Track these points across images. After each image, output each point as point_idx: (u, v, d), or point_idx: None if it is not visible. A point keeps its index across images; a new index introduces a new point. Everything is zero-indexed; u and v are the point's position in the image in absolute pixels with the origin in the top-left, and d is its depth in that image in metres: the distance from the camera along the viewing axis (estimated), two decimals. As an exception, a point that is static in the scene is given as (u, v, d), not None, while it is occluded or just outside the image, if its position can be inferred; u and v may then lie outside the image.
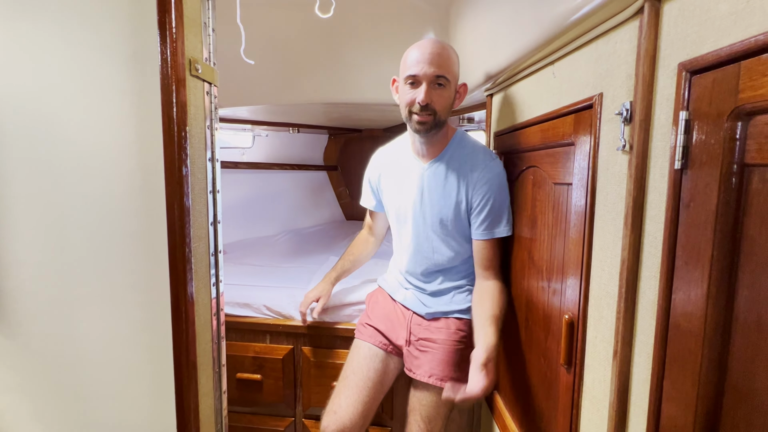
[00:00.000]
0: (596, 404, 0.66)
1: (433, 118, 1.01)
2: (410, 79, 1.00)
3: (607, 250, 0.62)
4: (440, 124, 1.04)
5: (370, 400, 1.13)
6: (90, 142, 0.61)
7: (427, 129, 1.02)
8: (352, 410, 1.10)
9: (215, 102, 0.66)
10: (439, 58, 0.98)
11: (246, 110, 2.01)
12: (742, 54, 0.40)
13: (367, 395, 1.13)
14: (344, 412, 1.10)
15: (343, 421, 1.09)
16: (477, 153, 1.09)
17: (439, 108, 1.01)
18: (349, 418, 1.09)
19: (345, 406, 1.11)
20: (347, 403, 1.11)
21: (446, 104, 1.02)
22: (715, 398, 0.44)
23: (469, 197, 1.06)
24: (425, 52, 0.98)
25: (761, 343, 0.39)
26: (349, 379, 1.16)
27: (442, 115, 1.02)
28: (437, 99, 1.00)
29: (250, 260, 1.92)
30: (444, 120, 1.05)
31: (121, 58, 0.59)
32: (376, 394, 1.15)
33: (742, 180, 0.41)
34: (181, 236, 0.58)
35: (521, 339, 0.99)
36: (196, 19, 0.60)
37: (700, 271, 0.44)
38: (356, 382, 1.15)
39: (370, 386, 1.14)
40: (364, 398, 1.12)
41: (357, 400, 1.11)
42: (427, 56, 0.98)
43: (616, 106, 0.60)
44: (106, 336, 0.64)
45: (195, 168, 0.61)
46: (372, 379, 1.15)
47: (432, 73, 0.97)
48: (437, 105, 1.00)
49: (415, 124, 1.02)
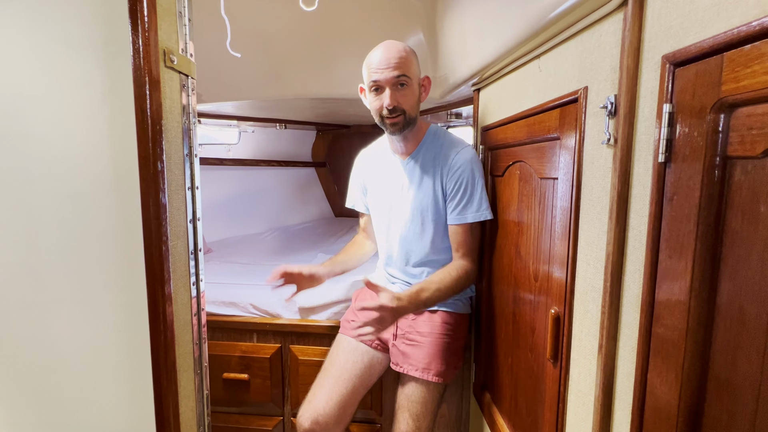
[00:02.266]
0: (582, 398, 0.66)
1: (403, 118, 1.05)
2: (374, 85, 1.04)
3: (593, 245, 0.62)
4: (412, 121, 1.08)
5: (348, 392, 1.12)
6: (60, 137, 0.58)
7: (401, 128, 1.07)
8: (326, 399, 1.10)
9: (193, 95, 0.64)
10: (396, 60, 1.01)
11: (231, 105, 1.97)
12: (725, 45, 0.39)
13: (344, 387, 1.12)
14: (318, 402, 1.10)
15: (316, 410, 1.09)
16: (450, 144, 1.13)
17: (407, 107, 1.05)
18: (323, 407, 1.09)
19: (320, 395, 1.11)
20: (322, 393, 1.11)
21: (412, 102, 1.06)
22: (698, 391, 0.45)
23: (444, 185, 1.10)
24: (382, 57, 1.02)
25: (743, 335, 0.39)
26: (327, 370, 1.16)
27: (411, 112, 1.06)
28: (402, 99, 1.04)
29: (237, 258, 1.89)
30: (414, 116, 1.08)
31: (92, 49, 0.56)
32: (356, 387, 1.14)
33: (725, 173, 0.41)
34: (158, 234, 0.56)
35: (509, 333, 0.99)
36: (170, 8, 0.58)
37: (684, 265, 0.44)
38: (333, 373, 1.15)
39: (347, 378, 1.13)
40: (340, 389, 1.12)
41: (333, 390, 1.11)
42: (384, 61, 1.01)
43: (600, 100, 0.59)
44: (80, 338, 0.61)
45: (171, 163, 0.59)
46: (350, 372, 1.15)
47: (392, 77, 1.01)
48: (404, 105, 1.04)
49: (389, 127, 1.07)
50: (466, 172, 1.07)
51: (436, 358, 1.10)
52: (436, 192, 1.11)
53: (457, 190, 1.08)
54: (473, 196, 1.08)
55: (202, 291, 0.69)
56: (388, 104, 1.02)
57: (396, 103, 1.02)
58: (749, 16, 0.37)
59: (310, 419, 1.09)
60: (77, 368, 0.61)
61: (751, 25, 0.37)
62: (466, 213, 1.08)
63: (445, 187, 1.10)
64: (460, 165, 1.08)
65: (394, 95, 1.02)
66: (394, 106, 1.02)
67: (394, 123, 1.05)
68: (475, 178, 1.08)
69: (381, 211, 1.23)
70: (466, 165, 1.08)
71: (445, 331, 1.13)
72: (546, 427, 0.77)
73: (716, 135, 0.41)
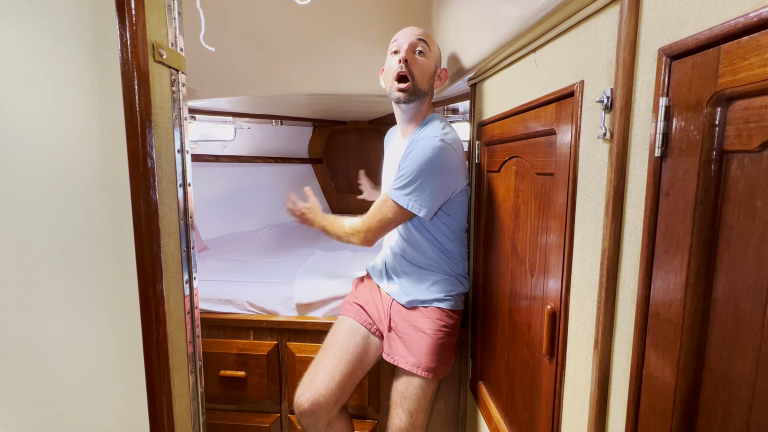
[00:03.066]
0: (578, 393, 0.66)
1: (411, 85, 1.06)
2: (394, 47, 1.08)
3: (589, 240, 0.62)
4: (419, 93, 1.08)
5: (348, 373, 1.11)
6: (47, 134, 0.57)
7: (407, 97, 1.07)
8: (329, 379, 1.08)
9: (183, 90, 0.63)
10: (419, 32, 1.08)
11: (226, 102, 1.95)
12: (722, 37, 0.39)
13: (345, 368, 1.11)
14: (320, 381, 1.08)
15: (318, 390, 1.07)
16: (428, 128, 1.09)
17: (417, 74, 1.06)
18: (325, 386, 1.07)
19: (322, 374, 1.09)
20: (324, 372, 1.10)
21: (424, 73, 1.07)
22: (694, 386, 0.44)
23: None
24: (407, 29, 1.09)
25: (738, 331, 0.39)
26: (329, 350, 1.15)
27: (420, 83, 1.07)
28: (416, 65, 1.06)
29: (233, 255, 1.88)
30: (422, 90, 1.08)
31: (79, 43, 0.55)
32: (355, 369, 1.13)
33: (721, 167, 0.40)
34: (149, 232, 0.55)
35: (505, 329, 0.99)
36: (159, 2, 0.57)
37: (679, 260, 0.44)
38: (335, 353, 1.13)
39: (349, 359, 1.12)
40: (342, 369, 1.10)
41: (334, 371, 1.10)
42: (408, 30, 1.09)
43: (596, 94, 0.59)
44: (72, 338, 0.60)
45: (162, 160, 0.58)
46: (351, 353, 1.14)
47: (413, 38, 1.06)
48: (415, 70, 1.05)
49: (396, 93, 1.07)
50: (417, 156, 1.02)
51: (429, 354, 1.10)
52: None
53: (400, 167, 1.06)
54: (406, 179, 1.04)
55: (196, 288, 0.68)
56: (402, 57, 1.04)
57: (410, 62, 1.04)
58: (747, 8, 0.37)
59: (311, 400, 1.06)
60: (68, 368, 0.60)
61: (749, 17, 0.36)
62: (392, 186, 1.07)
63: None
64: (413, 150, 1.04)
65: (410, 54, 1.05)
66: (404, 73, 1.04)
67: (401, 89, 1.06)
68: (419, 168, 1.02)
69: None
70: (418, 153, 1.03)
71: (438, 327, 1.13)
72: (542, 422, 0.77)
73: (713, 129, 0.40)
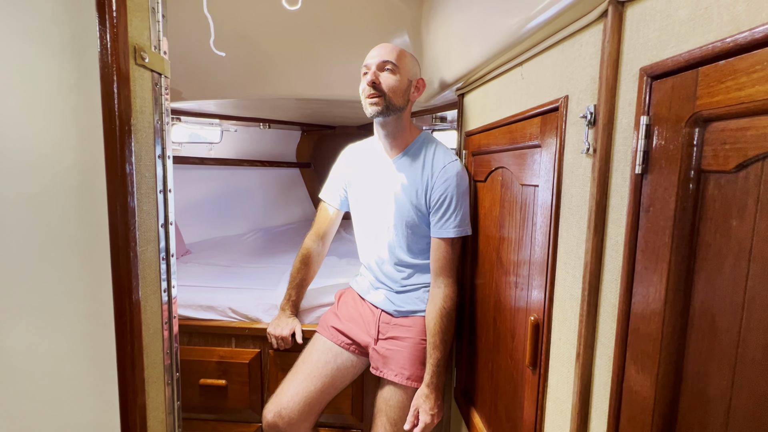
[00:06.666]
0: (559, 405, 0.66)
1: (383, 100, 1.06)
2: (364, 69, 1.09)
3: (572, 253, 0.63)
4: (393, 109, 1.08)
5: (315, 390, 1.11)
6: (21, 137, 0.55)
7: (380, 111, 1.07)
8: (292, 394, 1.10)
9: (166, 94, 0.61)
10: (387, 49, 1.08)
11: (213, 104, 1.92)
12: (700, 60, 0.40)
13: (312, 384, 1.12)
14: (284, 396, 1.10)
15: (280, 404, 1.09)
16: (440, 154, 1.12)
17: (387, 89, 1.06)
18: (287, 401, 1.09)
19: (286, 390, 1.11)
20: (288, 387, 1.11)
21: (395, 87, 1.07)
22: (672, 401, 0.45)
23: (428, 195, 1.10)
24: (375, 50, 1.10)
25: (714, 346, 0.40)
26: (299, 367, 1.16)
27: (392, 98, 1.07)
28: (384, 80, 1.06)
29: (216, 260, 1.84)
30: (397, 106, 1.08)
31: (56, 44, 0.53)
32: (325, 386, 1.13)
33: (699, 186, 0.41)
34: (125, 239, 0.54)
35: (490, 339, 0.99)
36: (142, 3, 0.55)
37: (659, 276, 0.45)
38: (304, 369, 1.15)
39: (316, 376, 1.13)
40: (308, 386, 1.11)
41: (300, 386, 1.11)
42: (376, 50, 1.09)
43: (581, 109, 0.60)
44: (40, 349, 0.58)
45: (141, 165, 0.56)
46: (321, 370, 1.14)
47: (379, 60, 1.07)
48: (385, 86, 1.06)
49: (369, 107, 1.08)
50: (451, 187, 1.07)
51: (417, 363, 1.10)
52: (419, 198, 1.10)
53: (441, 203, 1.08)
54: (457, 210, 1.07)
55: (174, 297, 0.66)
56: (368, 81, 1.05)
57: (377, 81, 1.05)
58: (723, 33, 0.38)
59: (273, 412, 1.08)
60: (36, 380, 0.57)
61: (725, 41, 0.37)
62: (449, 227, 1.08)
63: (429, 198, 1.10)
64: (446, 178, 1.07)
65: (376, 74, 1.06)
66: (374, 84, 1.04)
67: (372, 103, 1.06)
68: (460, 193, 1.08)
69: (363, 211, 1.21)
70: (452, 179, 1.07)
71: (425, 336, 1.12)
72: (525, 433, 0.77)
73: (691, 148, 0.41)
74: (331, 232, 1.33)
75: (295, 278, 1.29)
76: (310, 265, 1.30)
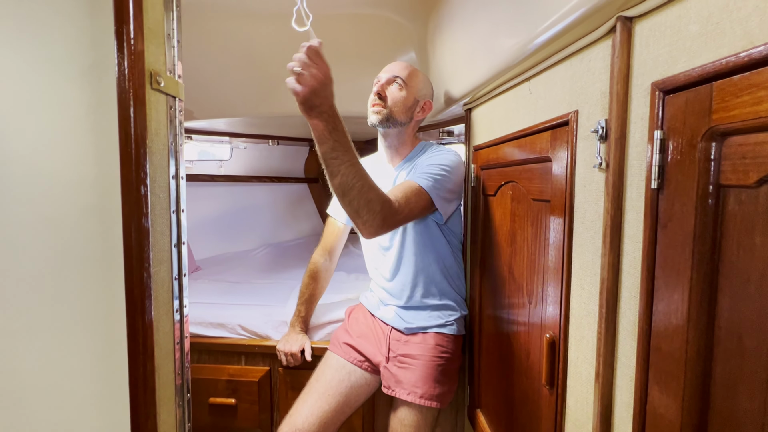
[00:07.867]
0: (579, 428, 0.64)
1: (384, 110, 1.10)
2: (375, 80, 1.14)
3: (587, 269, 0.61)
4: (393, 121, 1.11)
5: (330, 409, 1.09)
6: (40, 159, 0.56)
7: (380, 120, 1.10)
8: (307, 414, 1.07)
9: (180, 117, 0.62)
10: (400, 66, 1.14)
11: (223, 122, 1.96)
12: (714, 75, 0.39)
13: (327, 403, 1.09)
14: (298, 416, 1.07)
15: (295, 424, 1.06)
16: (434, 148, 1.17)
17: (391, 102, 1.10)
18: (302, 422, 1.06)
19: (300, 409, 1.09)
20: (302, 407, 1.09)
21: (399, 101, 1.11)
22: (700, 425, 0.43)
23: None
24: (390, 65, 1.16)
25: (743, 367, 0.38)
26: (313, 386, 1.14)
27: (395, 111, 1.10)
28: (390, 93, 1.11)
29: (226, 277, 1.85)
30: (397, 119, 1.11)
31: (76, 70, 0.55)
32: (340, 405, 1.11)
33: (718, 201, 0.40)
34: (139, 260, 0.54)
35: (503, 356, 0.97)
36: (158, 31, 0.57)
37: (680, 293, 0.43)
38: (317, 388, 1.12)
39: (331, 395, 1.11)
40: (323, 405, 1.09)
41: (314, 406, 1.08)
42: (389, 66, 1.16)
43: (591, 124, 0.59)
44: (53, 370, 0.58)
45: (156, 187, 0.57)
46: (335, 389, 1.12)
47: (390, 74, 1.12)
48: (390, 98, 1.10)
49: (370, 114, 1.12)
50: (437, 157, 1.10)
51: (430, 382, 1.07)
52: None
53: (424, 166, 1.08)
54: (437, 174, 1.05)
55: (186, 316, 0.66)
56: (375, 91, 1.11)
57: (382, 92, 1.10)
58: (737, 47, 0.38)
59: None
60: (49, 402, 0.57)
61: (739, 56, 0.37)
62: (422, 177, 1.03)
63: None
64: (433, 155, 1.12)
65: (384, 86, 1.12)
66: (379, 95, 1.10)
67: (375, 111, 1.10)
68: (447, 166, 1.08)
69: None
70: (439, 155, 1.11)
71: (439, 353, 1.10)
72: (543, 456, 0.75)
73: (708, 163, 0.40)
74: (338, 247, 1.33)
75: (304, 294, 1.30)
76: (319, 280, 1.30)
